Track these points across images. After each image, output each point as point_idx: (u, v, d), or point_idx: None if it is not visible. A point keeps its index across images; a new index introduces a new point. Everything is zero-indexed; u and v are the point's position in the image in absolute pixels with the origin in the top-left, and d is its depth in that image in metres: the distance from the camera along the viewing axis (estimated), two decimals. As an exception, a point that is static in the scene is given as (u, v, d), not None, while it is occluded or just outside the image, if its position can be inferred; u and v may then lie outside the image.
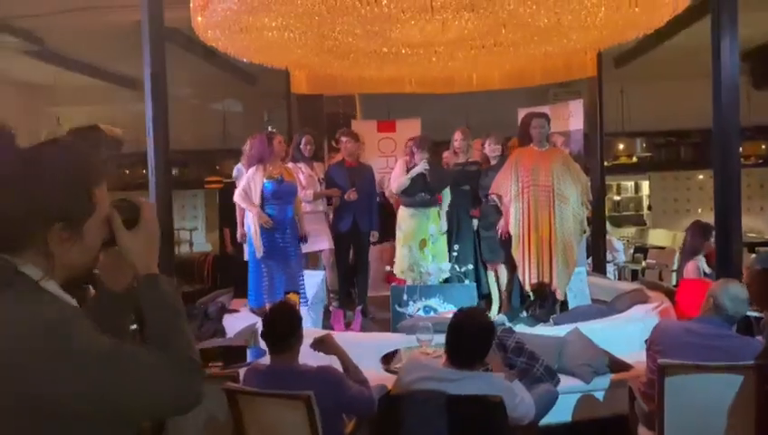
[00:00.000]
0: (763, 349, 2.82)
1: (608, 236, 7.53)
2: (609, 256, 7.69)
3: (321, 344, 2.84)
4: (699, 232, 5.03)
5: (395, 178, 5.53)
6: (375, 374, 3.57)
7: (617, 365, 4.03)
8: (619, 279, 7.71)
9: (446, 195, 5.56)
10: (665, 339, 2.97)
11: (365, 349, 3.90)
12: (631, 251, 8.91)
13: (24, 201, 1.18)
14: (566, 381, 3.86)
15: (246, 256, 5.16)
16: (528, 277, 5.11)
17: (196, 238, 11.76)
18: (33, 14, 7.93)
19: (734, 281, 3.10)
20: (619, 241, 8.23)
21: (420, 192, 5.40)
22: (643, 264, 8.15)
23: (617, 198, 12.17)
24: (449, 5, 5.05)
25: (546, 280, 5.06)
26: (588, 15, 5.50)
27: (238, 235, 5.36)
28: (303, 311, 5.12)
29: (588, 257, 7.33)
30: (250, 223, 5.04)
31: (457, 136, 5.81)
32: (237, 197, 5.03)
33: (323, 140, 7.15)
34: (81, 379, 1.09)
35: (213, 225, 11.25)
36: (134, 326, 1.47)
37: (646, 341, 3.19)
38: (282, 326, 2.63)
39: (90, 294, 1.45)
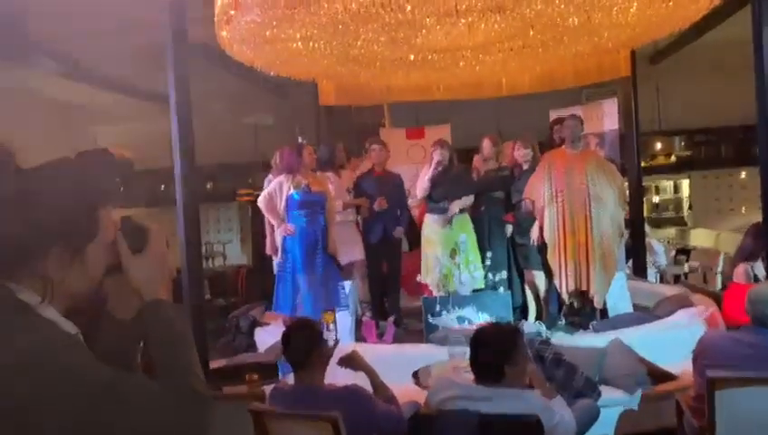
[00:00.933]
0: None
1: (647, 239, 7.28)
2: (648, 260, 7.43)
3: (349, 361, 2.75)
4: (760, 234, 4.73)
5: (419, 184, 5.43)
6: (406, 389, 3.48)
7: (661, 375, 3.85)
8: (662, 283, 7.44)
9: (468, 203, 5.42)
10: (712, 351, 2.80)
11: (396, 362, 3.83)
12: (673, 253, 8.61)
13: (20, 222, 1.13)
14: (608, 394, 3.70)
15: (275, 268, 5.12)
16: (565, 284, 4.94)
17: (231, 251, 11.82)
18: (66, 37, 8.10)
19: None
20: (659, 243, 7.95)
21: (444, 198, 5.29)
22: (686, 267, 7.86)
23: (656, 198, 11.83)
24: (474, 8, 4.94)
25: (584, 287, 4.89)
26: (619, 12, 5.32)
27: (268, 246, 5.32)
28: (346, 322, 5.07)
29: (627, 261, 7.11)
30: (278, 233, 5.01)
31: (486, 144, 5.69)
32: (261, 201, 5.00)
33: (353, 150, 7.10)
34: (78, 409, 1.04)
35: (247, 237, 11.31)
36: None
37: (693, 351, 3.02)
38: (299, 344, 2.54)
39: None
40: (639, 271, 6.98)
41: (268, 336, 5.06)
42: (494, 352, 2.41)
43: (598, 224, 4.85)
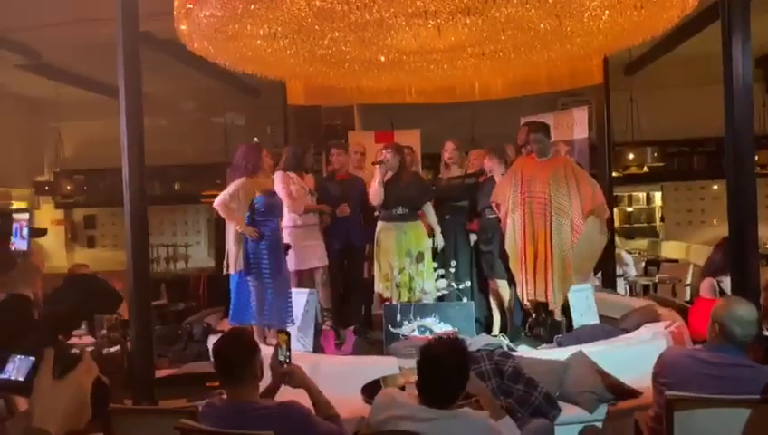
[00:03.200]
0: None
1: (617, 250, 7.20)
2: (618, 271, 7.36)
3: (288, 377, 2.56)
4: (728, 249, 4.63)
5: (372, 191, 5.21)
6: (359, 404, 3.32)
7: (623, 391, 3.72)
8: (631, 294, 7.37)
9: (429, 211, 5.26)
10: (672, 370, 2.68)
11: (351, 374, 3.65)
12: (642, 264, 8.56)
13: None
14: (568, 411, 3.57)
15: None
16: (525, 294, 4.82)
17: (198, 254, 11.56)
18: (27, 27, 7.83)
19: (738, 301, 2.80)
20: (628, 254, 7.89)
21: (398, 205, 5.12)
22: (656, 278, 7.81)
23: (629, 209, 11.81)
24: (443, 10, 4.81)
25: (542, 298, 4.77)
26: (591, 19, 5.25)
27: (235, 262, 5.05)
28: (293, 332, 4.88)
29: (597, 272, 7.02)
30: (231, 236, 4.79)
31: (448, 147, 5.53)
32: (219, 203, 4.70)
33: (321, 152, 6.95)
34: None
35: (215, 240, 11.06)
36: None
37: (653, 368, 2.89)
38: (231, 356, 2.35)
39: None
40: (609, 282, 6.90)
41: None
42: (447, 376, 2.24)
43: (558, 234, 4.73)
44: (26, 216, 6.35)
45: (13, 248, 5.73)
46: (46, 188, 11.07)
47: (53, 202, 11.53)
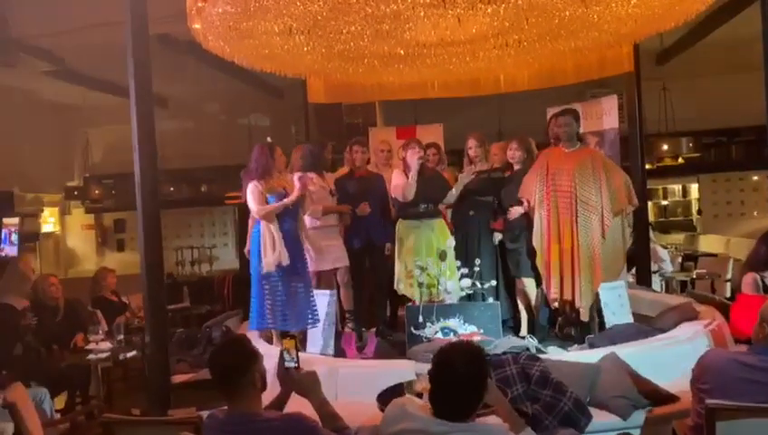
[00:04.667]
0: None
1: (652, 245, 6.91)
2: (654, 267, 7.06)
3: (295, 384, 2.40)
4: None
5: (398, 187, 5.07)
6: (376, 411, 3.15)
7: (660, 397, 3.48)
8: (667, 291, 7.07)
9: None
10: (713, 374, 2.45)
11: (368, 379, 3.49)
12: (679, 260, 8.21)
13: None
14: (600, 418, 3.36)
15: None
16: (551, 294, 4.59)
17: (226, 256, 11.54)
18: (51, 34, 7.89)
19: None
20: (664, 249, 7.57)
21: (422, 202, 4.96)
22: (693, 274, 7.47)
23: (664, 202, 11.42)
24: (462, -1, 4.62)
25: (569, 297, 4.54)
26: (619, 4, 5.00)
27: (245, 250, 4.99)
28: (314, 335, 4.75)
29: (631, 268, 6.76)
30: (261, 235, 4.65)
31: (471, 143, 5.35)
32: (259, 215, 4.57)
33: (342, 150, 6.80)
34: None
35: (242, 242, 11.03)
36: None
37: (692, 372, 2.67)
38: (228, 365, 2.20)
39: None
40: (644, 279, 6.62)
41: (240, 348, 4.75)
42: (462, 388, 2.05)
43: (585, 230, 4.49)
44: (16, 220, 6.30)
45: (3, 255, 5.69)
46: (75, 193, 11.18)
47: (84, 207, 11.64)
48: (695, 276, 7.43)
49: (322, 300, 4.79)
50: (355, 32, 5.28)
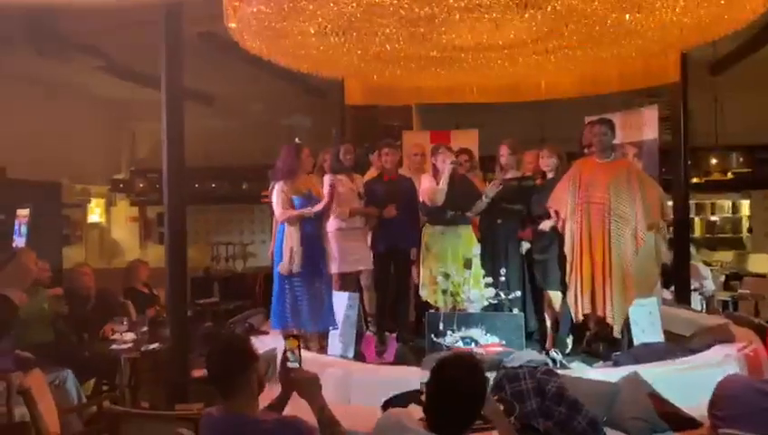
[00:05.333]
0: None
1: (693, 262, 6.65)
2: (694, 284, 6.80)
3: (296, 384, 2.36)
4: None
5: (426, 191, 5.01)
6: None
7: (681, 421, 3.33)
8: (707, 311, 6.80)
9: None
10: (730, 402, 2.33)
11: (378, 385, 3.44)
12: (722, 278, 7.87)
13: None
14: (614, 439, 3.23)
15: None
16: (580, 308, 4.45)
17: (263, 253, 11.65)
18: (101, 31, 8.11)
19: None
20: (706, 267, 7.27)
21: (449, 209, 4.90)
22: (736, 293, 7.17)
23: (712, 218, 10.99)
24: (497, 3, 4.54)
25: (599, 312, 4.40)
26: (664, 11, 4.84)
27: (269, 251, 5.04)
28: (333, 337, 4.74)
29: (669, 286, 6.53)
30: (284, 237, 4.68)
31: (503, 151, 5.24)
32: (281, 218, 4.62)
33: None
34: None
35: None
36: None
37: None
38: (222, 365, 2.18)
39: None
40: (683, 296, 6.38)
41: (261, 346, 4.77)
42: (462, 401, 1.99)
43: (618, 243, 4.34)
44: (26, 212, 6.42)
45: (15, 245, 5.81)
46: (121, 185, 11.49)
47: (129, 199, 11.96)
48: (736, 296, 7.11)
49: (341, 301, 4.77)
50: (390, 34, 5.27)
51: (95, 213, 11.82)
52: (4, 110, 8.74)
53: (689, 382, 3.74)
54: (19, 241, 6.04)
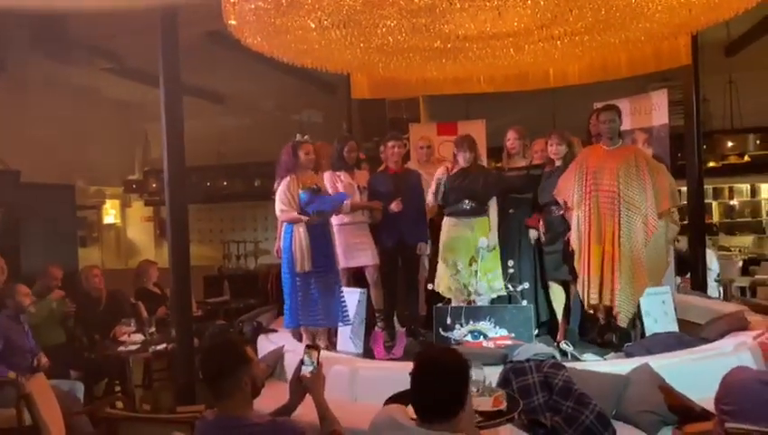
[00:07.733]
0: None
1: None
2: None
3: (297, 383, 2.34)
4: None
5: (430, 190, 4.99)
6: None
7: (692, 413, 3.25)
8: (725, 298, 6.65)
9: (492, 206, 4.92)
10: (737, 396, 2.26)
11: (383, 381, 3.40)
12: (740, 264, 7.69)
13: None
14: (624, 432, 3.17)
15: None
16: (587, 298, 4.37)
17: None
18: (112, 34, 8.16)
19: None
20: (709, 251, 7.03)
21: (464, 199, 4.82)
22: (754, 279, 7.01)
23: (731, 202, 10.76)
24: (499, -11, 4.46)
25: (607, 302, 4.31)
26: (671, -9, 4.71)
27: (275, 249, 5.02)
28: (345, 333, 4.71)
29: (686, 273, 6.42)
30: (292, 235, 4.65)
31: (510, 136, 5.15)
32: (281, 218, 4.64)
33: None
34: None
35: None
36: None
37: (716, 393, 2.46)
38: (214, 366, 2.15)
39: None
40: (698, 284, 6.26)
41: (270, 344, 4.77)
42: (449, 384, 1.96)
43: (628, 232, 4.24)
44: None
45: None
46: (135, 186, 11.57)
47: (143, 200, 12.04)
48: (755, 282, 6.96)
49: (353, 298, 4.74)
50: (392, 26, 5.19)
51: (110, 214, 11.92)
52: (17, 114, 8.83)
53: (702, 372, 3.63)
54: None
